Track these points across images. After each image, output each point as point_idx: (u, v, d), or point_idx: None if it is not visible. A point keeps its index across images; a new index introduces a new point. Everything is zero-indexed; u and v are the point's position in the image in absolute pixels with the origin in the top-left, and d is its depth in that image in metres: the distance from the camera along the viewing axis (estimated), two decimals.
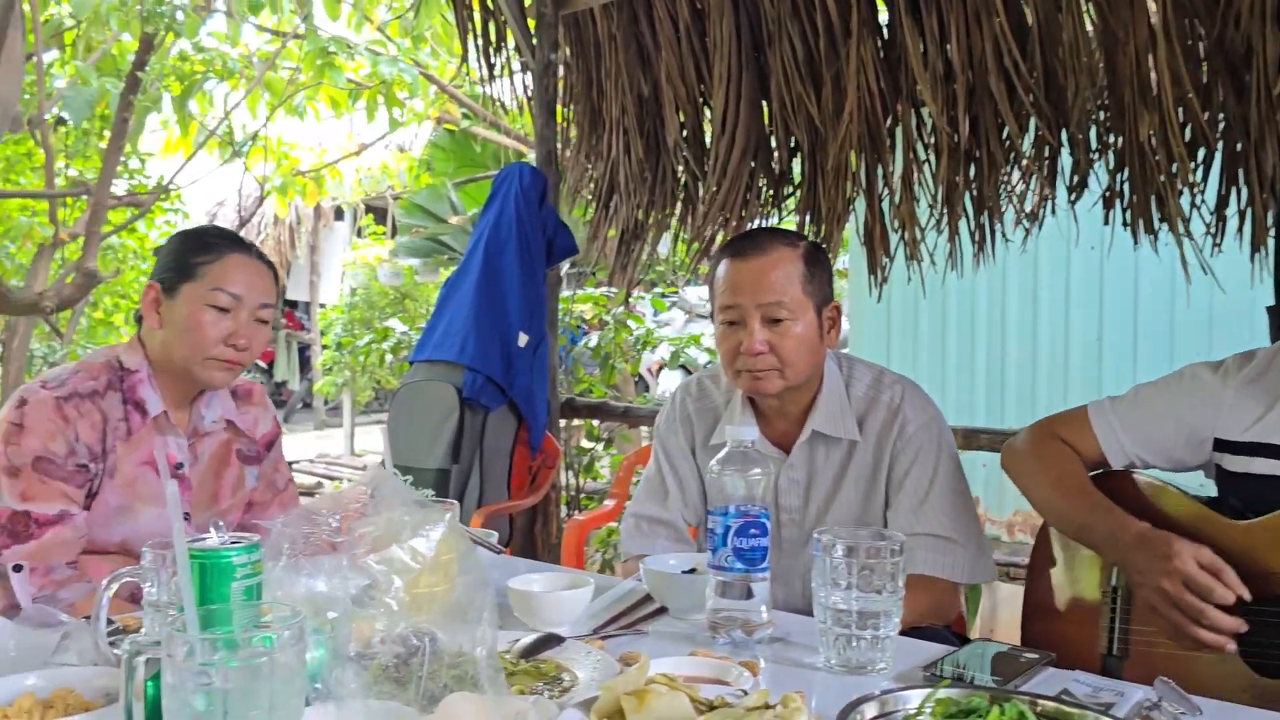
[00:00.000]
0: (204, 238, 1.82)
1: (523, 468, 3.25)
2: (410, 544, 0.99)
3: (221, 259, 1.76)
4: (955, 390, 4.79)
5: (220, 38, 5.30)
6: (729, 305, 1.78)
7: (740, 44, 3.34)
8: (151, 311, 1.77)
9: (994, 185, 3.10)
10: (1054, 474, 1.64)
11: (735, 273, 1.79)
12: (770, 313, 1.75)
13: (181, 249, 1.79)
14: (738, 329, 1.77)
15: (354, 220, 8.36)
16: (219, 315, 1.74)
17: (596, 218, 3.79)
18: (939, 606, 1.74)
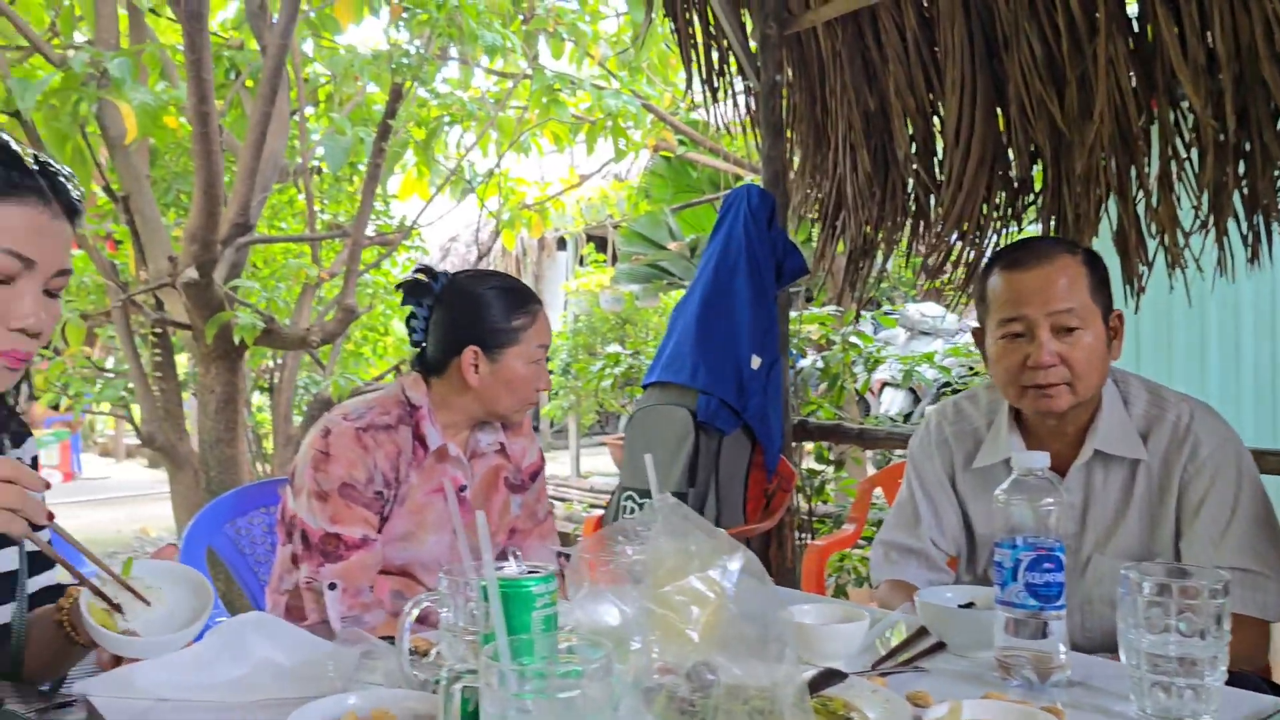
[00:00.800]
0: (523, 297, 1.91)
1: (758, 491, 3.22)
2: (709, 574, 0.98)
3: (535, 321, 1.90)
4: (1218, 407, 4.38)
5: (454, 84, 5.61)
6: (1012, 317, 1.68)
7: (973, 49, 3.21)
8: (470, 371, 1.86)
9: (1269, 181, 2.83)
10: None
11: (1017, 282, 1.68)
12: (1061, 321, 1.64)
13: (504, 310, 1.88)
14: (1022, 342, 1.67)
15: (576, 249, 8.63)
16: (537, 370, 1.91)
17: (823, 236, 3.73)
18: (1249, 649, 1.57)
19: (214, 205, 3.54)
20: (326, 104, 4.89)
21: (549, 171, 7.69)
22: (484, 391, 1.88)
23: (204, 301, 3.72)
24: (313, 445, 1.82)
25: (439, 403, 1.90)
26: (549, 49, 5.44)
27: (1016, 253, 1.73)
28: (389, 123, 3.89)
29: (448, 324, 1.89)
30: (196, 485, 4.19)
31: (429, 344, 1.92)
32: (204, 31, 3.40)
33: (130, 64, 3.56)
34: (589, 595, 0.99)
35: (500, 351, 1.86)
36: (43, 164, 1.28)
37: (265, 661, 1.34)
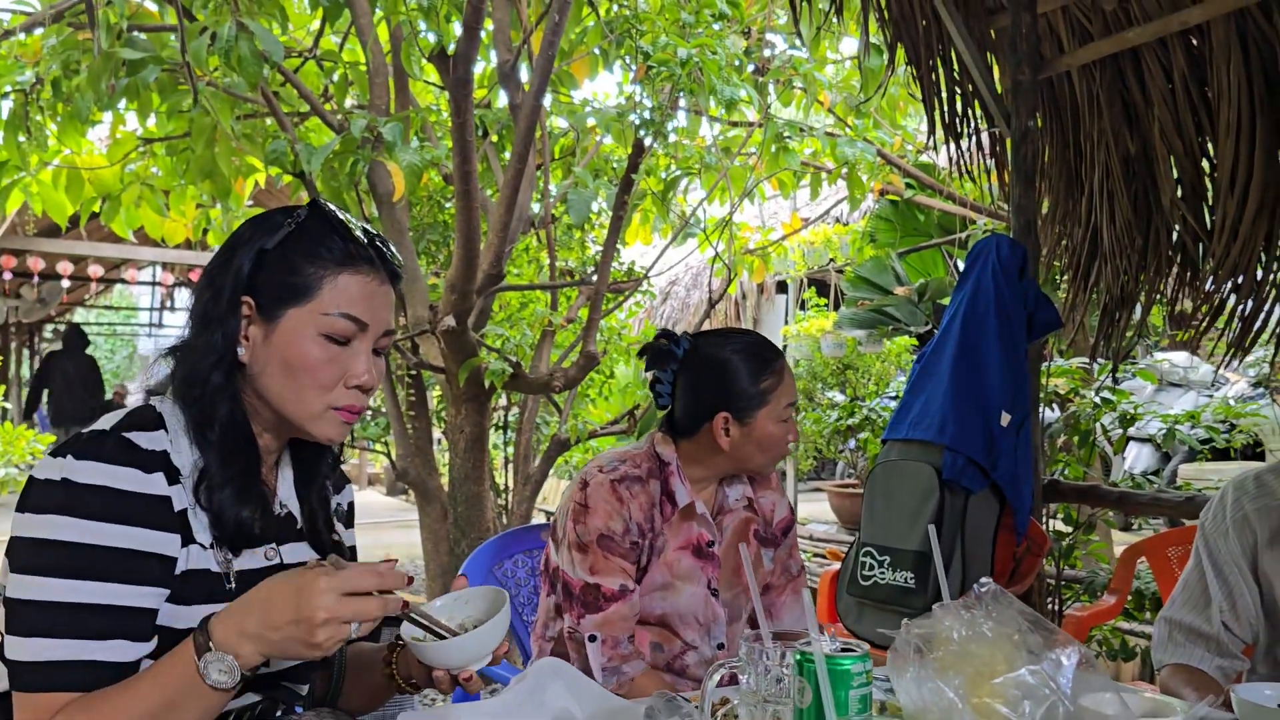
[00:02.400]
0: (766, 358, 1.93)
1: (1006, 554, 3.08)
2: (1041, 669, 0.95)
3: (783, 379, 1.92)
4: None
5: (682, 133, 5.75)
6: None
7: (1252, 88, 3.00)
8: (722, 435, 1.90)
9: None
10: None
11: None
12: None
13: (751, 373, 1.91)
14: None
15: (797, 293, 8.62)
16: (787, 426, 1.93)
17: (1074, 287, 3.57)
18: None
19: (472, 258, 3.77)
20: (565, 157, 5.11)
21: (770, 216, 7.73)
22: (736, 453, 1.90)
23: (459, 347, 3.96)
24: (572, 498, 1.89)
25: (688, 460, 1.93)
26: (778, 97, 5.49)
27: None
28: (632, 176, 4.03)
29: (695, 389, 1.92)
30: (444, 519, 4.43)
31: (677, 408, 1.96)
32: (469, 97, 3.65)
33: (401, 128, 3.87)
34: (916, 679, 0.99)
35: (751, 414, 1.88)
36: (370, 235, 1.41)
37: (563, 712, 1.40)
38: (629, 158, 4.08)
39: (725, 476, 1.99)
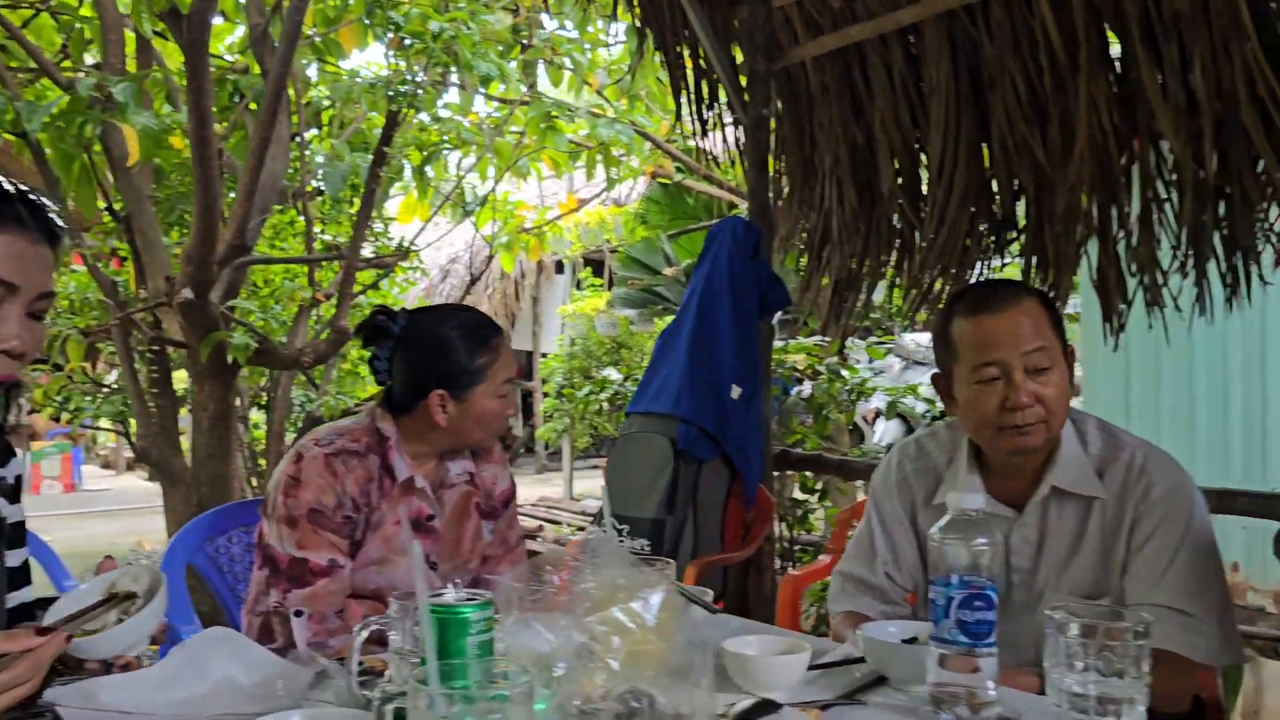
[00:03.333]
0: (483, 335, 1.92)
1: (736, 520, 3.25)
2: (631, 605, 1.01)
3: (499, 355, 1.92)
4: (1207, 447, 4.40)
5: (454, 109, 5.69)
6: (988, 362, 1.70)
7: (959, 87, 3.26)
8: (439, 413, 1.88)
9: (1248, 223, 2.86)
10: None
11: (989, 326, 1.71)
12: (1035, 362, 1.68)
13: (467, 350, 1.89)
14: (999, 385, 1.70)
15: (573, 273, 8.70)
16: (505, 402, 1.93)
17: (809, 268, 3.78)
18: (1173, 688, 1.60)
19: (211, 227, 3.60)
20: (329, 128, 4.96)
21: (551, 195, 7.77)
22: (454, 429, 1.91)
23: (199, 321, 3.78)
24: (285, 471, 1.86)
25: (408, 436, 1.93)
26: (548, 77, 5.52)
27: (985, 296, 1.75)
28: (384, 149, 3.96)
29: (411, 367, 1.91)
30: (189, 500, 4.23)
31: (394, 385, 1.94)
32: (204, 58, 3.48)
33: (134, 89, 3.64)
34: (517, 623, 1.03)
35: (467, 391, 1.88)
36: (21, 192, 1.33)
37: (225, 679, 1.37)
38: (383, 130, 4.00)
39: (447, 451, 1.99)
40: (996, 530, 1.31)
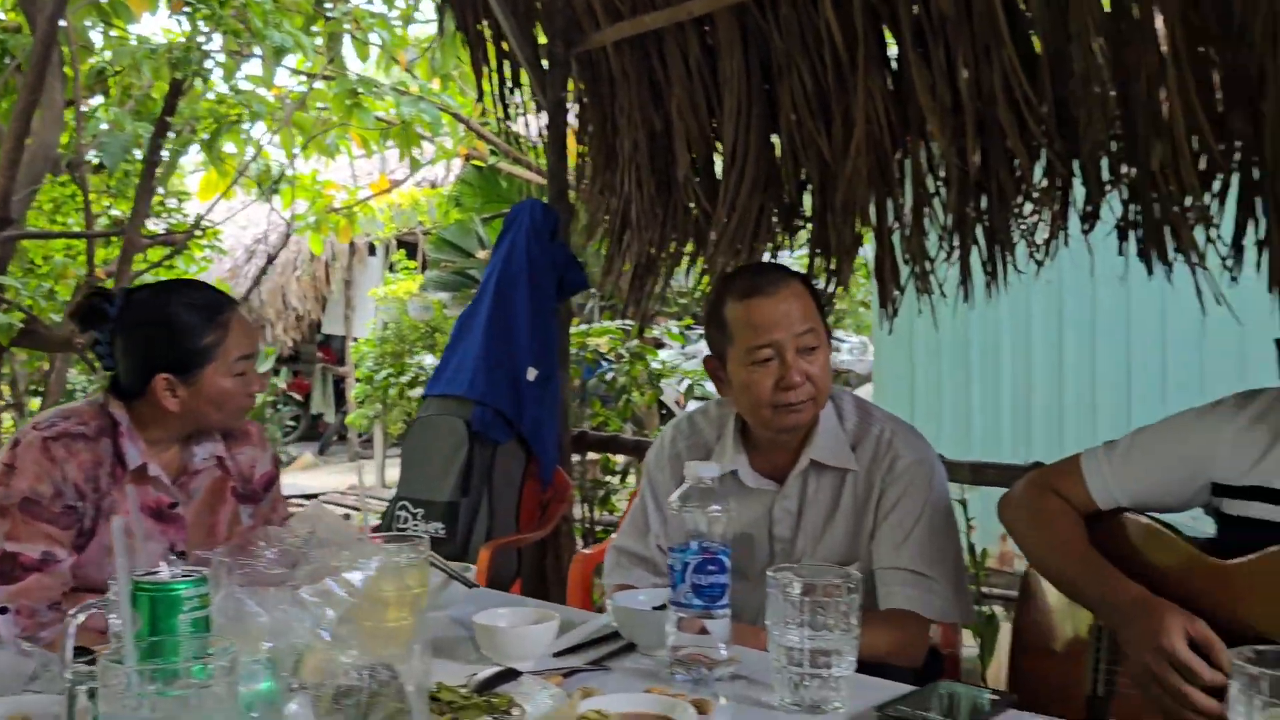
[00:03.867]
0: (209, 312, 1.82)
1: (533, 502, 3.26)
2: (344, 576, 1.01)
3: (230, 331, 1.81)
4: (981, 422, 4.73)
5: (255, 81, 5.45)
6: (763, 344, 1.77)
7: (750, 78, 3.36)
8: (168, 398, 1.78)
9: (1005, 217, 3.08)
10: (1048, 531, 1.63)
11: (762, 308, 1.78)
12: (805, 343, 1.76)
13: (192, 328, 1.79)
14: (773, 365, 1.77)
15: (386, 256, 8.49)
16: (245, 380, 1.84)
17: (610, 252, 3.82)
18: (909, 644, 1.73)
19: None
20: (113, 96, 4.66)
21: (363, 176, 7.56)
22: (187, 413, 1.81)
23: None
24: (1, 459, 1.73)
25: (141, 422, 1.82)
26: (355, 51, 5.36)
27: (757, 281, 1.82)
28: (167, 119, 3.75)
29: (132, 350, 1.81)
30: None
31: (119, 370, 1.83)
32: None
33: None
34: (226, 598, 1.01)
35: (196, 373, 1.78)
36: None
37: None
38: (165, 99, 3.79)
39: (193, 435, 1.90)
40: (731, 499, 1.38)
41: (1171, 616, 1.34)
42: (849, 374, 6.55)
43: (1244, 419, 1.50)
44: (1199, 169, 2.72)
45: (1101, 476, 1.59)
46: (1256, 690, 0.87)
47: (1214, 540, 1.51)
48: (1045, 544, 1.62)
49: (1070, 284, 4.32)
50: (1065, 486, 1.63)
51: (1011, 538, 1.71)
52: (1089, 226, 3.00)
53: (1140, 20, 2.70)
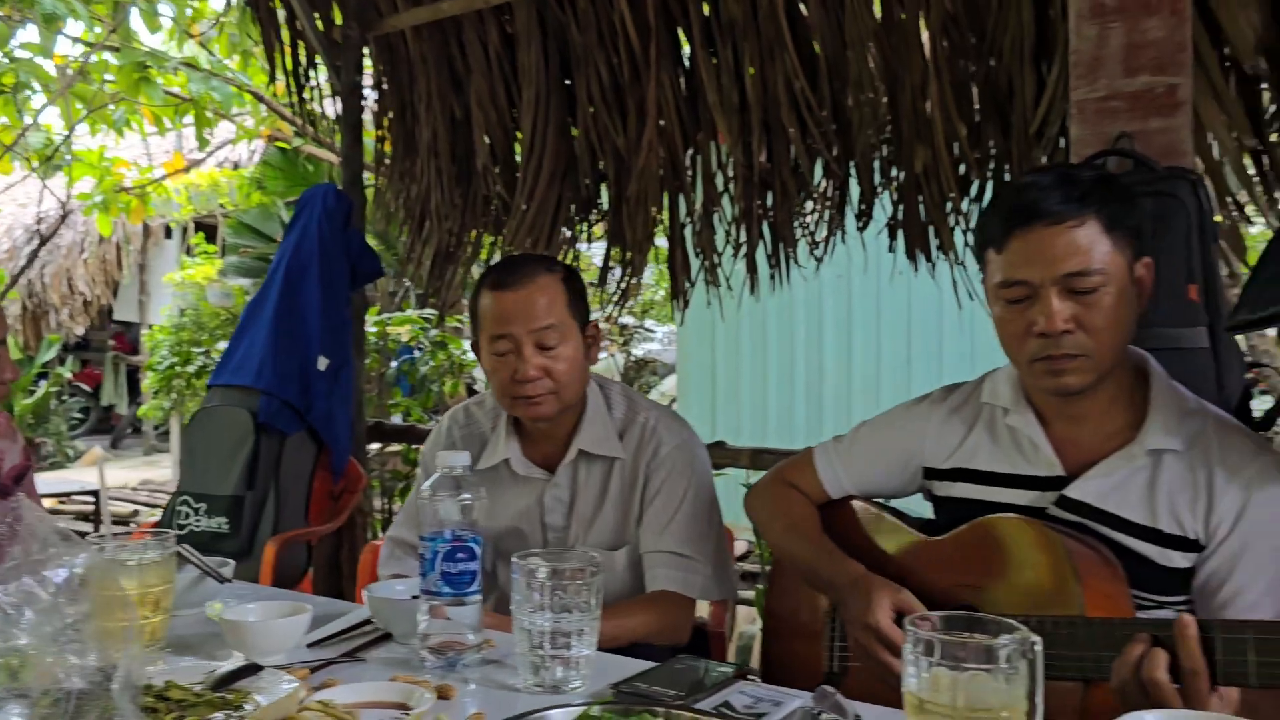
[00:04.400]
0: None
1: (324, 493, 3.20)
2: (44, 574, 0.98)
3: None
4: (776, 409, 4.94)
5: (34, 49, 5.08)
6: (501, 335, 1.80)
7: (549, 70, 3.39)
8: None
9: (788, 214, 3.23)
10: (785, 520, 1.72)
11: (502, 302, 1.81)
12: (542, 339, 1.79)
13: None
14: (510, 358, 1.80)
15: (183, 239, 8.07)
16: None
17: (410, 239, 3.78)
18: (672, 623, 1.81)
19: None
20: None
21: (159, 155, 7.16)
22: None
23: None
24: None
25: None
26: (144, 22, 5.07)
27: (502, 273, 1.85)
28: None
29: None
30: None
31: None
32: None
33: None
34: None
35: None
36: None
37: None
38: None
39: None
40: (482, 486, 1.40)
41: (879, 592, 1.45)
42: (656, 363, 6.71)
43: (946, 409, 1.64)
44: (958, 174, 2.94)
45: (831, 467, 1.71)
46: (924, 651, 0.96)
47: (931, 521, 1.65)
48: (783, 532, 1.72)
49: (859, 279, 4.57)
50: (801, 478, 1.74)
51: (756, 527, 1.81)
52: (863, 225, 3.19)
53: (907, 32, 2.88)
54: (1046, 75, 2.70)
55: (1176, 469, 1.44)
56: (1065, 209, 1.39)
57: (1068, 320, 1.39)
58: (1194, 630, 1.18)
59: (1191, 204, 1.89)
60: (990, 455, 1.58)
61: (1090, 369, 1.42)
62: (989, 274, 1.48)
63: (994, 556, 1.47)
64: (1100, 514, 1.46)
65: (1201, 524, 1.43)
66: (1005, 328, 1.47)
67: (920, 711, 0.96)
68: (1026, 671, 0.96)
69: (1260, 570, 1.39)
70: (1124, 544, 1.45)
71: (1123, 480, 1.46)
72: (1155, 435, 1.45)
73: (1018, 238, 1.42)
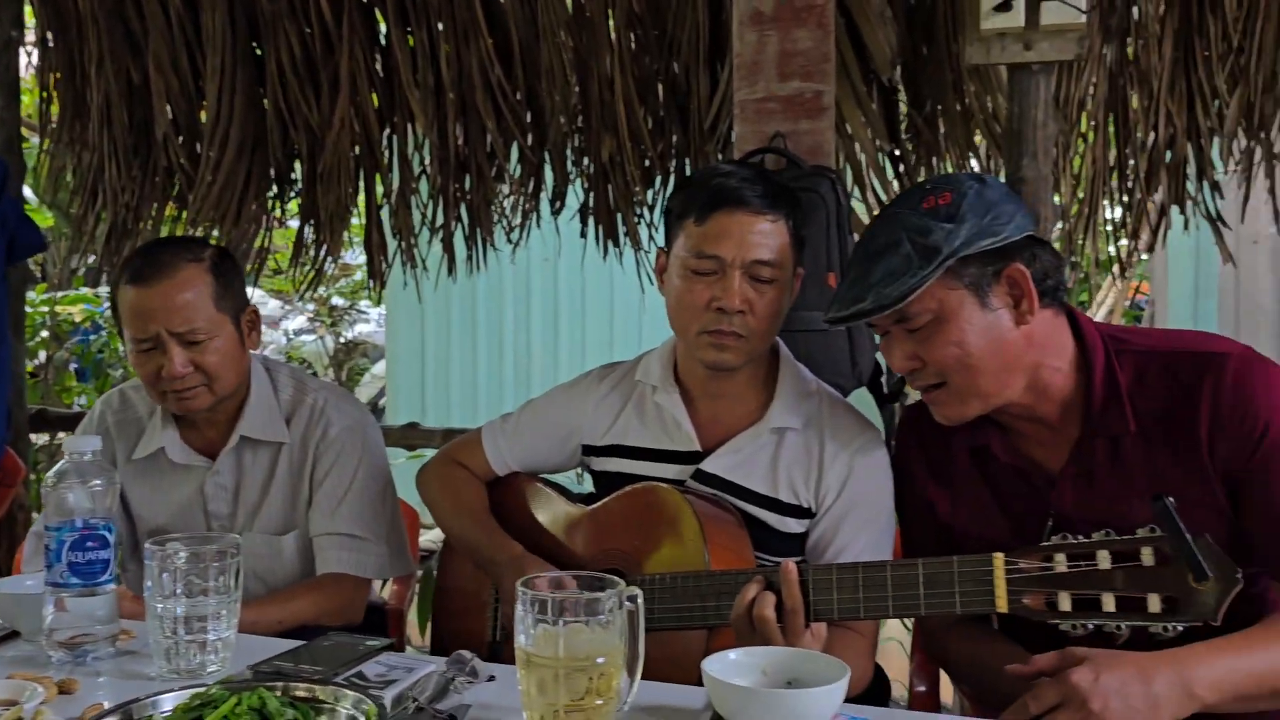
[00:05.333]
0: None
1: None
2: None
3: None
4: (486, 391, 5.00)
5: None
6: (142, 337, 1.71)
7: (236, 36, 3.24)
8: None
9: (484, 198, 3.28)
10: (451, 500, 1.78)
11: (142, 299, 1.70)
12: (188, 338, 1.71)
13: None
14: (155, 354, 1.71)
15: None
16: None
17: (82, 211, 3.50)
18: (346, 603, 1.82)
19: None
20: None
21: None
22: None
23: None
24: None
25: None
26: None
27: (141, 265, 1.73)
28: None
29: None
30: None
31: None
32: None
33: None
34: None
35: None
36: None
37: None
38: None
39: None
40: (114, 472, 1.36)
41: (533, 570, 1.52)
42: (367, 345, 6.58)
43: (603, 388, 1.76)
44: (643, 165, 3.10)
45: (496, 446, 1.78)
46: (532, 609, 1.05)
47: (592, 495, 1.75)
48: (450, 510, 1.77)
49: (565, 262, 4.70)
50: (469, 457, 1.80)
51: (426, 507, 1.85)
52: (557, 210, 3.30)
53: (595, 26, 3.00)
54: (720, 75, 2.90)
55: (795, 445, 1.63)
56: (766, 204, 1.54)
57: (744, 302, 1.53)
58: (795, 574, 1.35)
59: (831, 200, 2.11)
60: (639, 432, 1.71)
61: (746, 351, 1.58)
62: (680, 243, 1.58)
63: (637, 523, 1.59)
64: (730, 485, 1.63)
65: (813, 493, 1.62)
66: (685, 297, 1.57)
67: (528, 665, 1.04)
68: (624, 622, 1.07)
69: (861, 530, 1.60)
70: (750, 512, 1.61)
71: (750, 456, 1.63)
72: (779, 415, 1.63)
73: (721, 215, 1.54)
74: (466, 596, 1.76)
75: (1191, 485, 1.35)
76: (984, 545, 1.30)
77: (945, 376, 1.40)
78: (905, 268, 1.35)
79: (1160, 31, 2.51)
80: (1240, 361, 1.36)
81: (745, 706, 1.05)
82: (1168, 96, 2.55)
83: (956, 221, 1.35)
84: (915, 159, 2.94)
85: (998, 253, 1.37)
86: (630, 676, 1.09)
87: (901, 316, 1.38)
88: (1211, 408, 1.34)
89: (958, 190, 1.39)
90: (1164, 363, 1.40)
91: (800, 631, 1.34)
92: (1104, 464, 1.41)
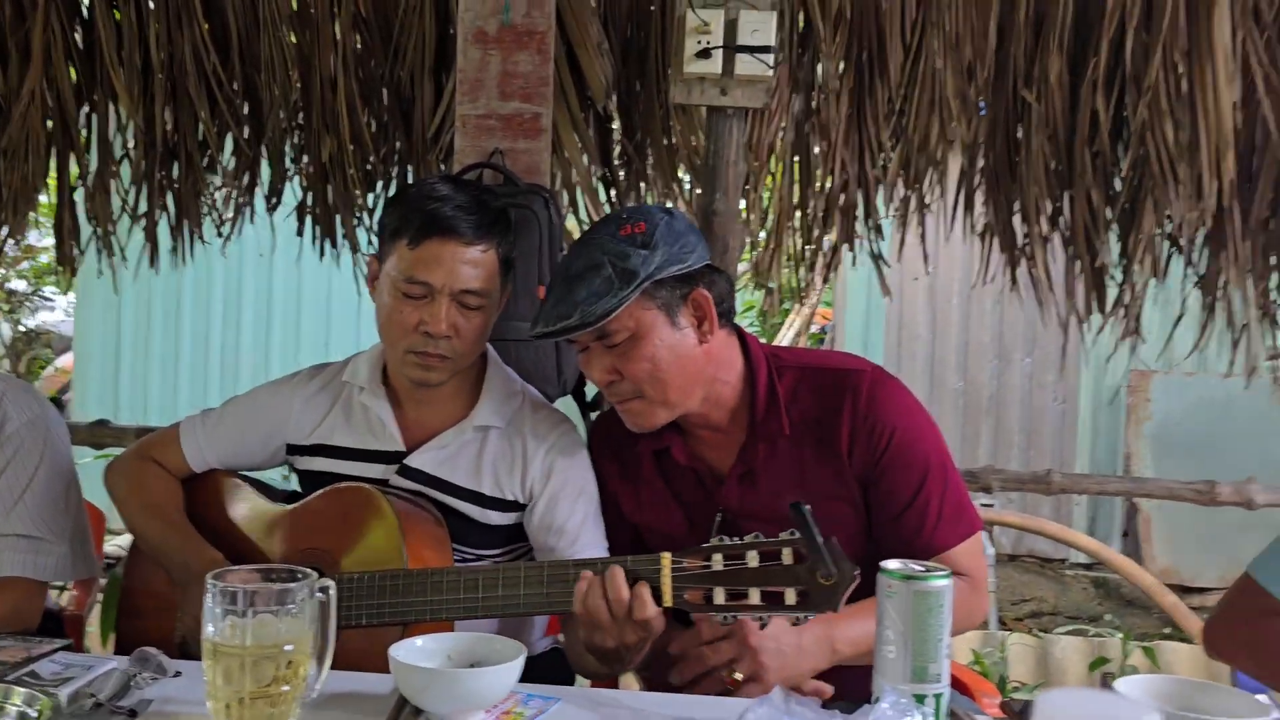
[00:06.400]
0: None
1: None
2: None
3: None
4: (189, 388, 4.75)
5: None
6: None
7: None
8: None
9: (193, 188, 3.14)
10: (140, 498, 1.73)
11: None
12: None
13: None
14: None
15: None
16: None
17: None
18: (20, 609, 1.73)
19: None
20: None
21: None
22: None
23: None
24: None
25: None
26: None
27: None
28: None
29: None
30: None
31: None
32: None
33: None
34: None
35: None
36: None
37: None
38: None
39: None
40: None
41: None
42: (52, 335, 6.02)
43: (312, 388, 1.79)
44: (364, 168, 3.10)
45: (195, 442, 1.76)
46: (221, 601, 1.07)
47: (296, 493, 1.77)
48: (139, 510, 1.72)
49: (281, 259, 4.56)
50: (164, 453, 1.76)
51: (114, 504, 1.78)
52: (273, 207, 3.22)
53: (319, 24, 2.96)
54: (445, 87, 2.96)
55: (499, 442, 1.73)
56: (478, 235, 1.61)
57: (451, 327, 1.60)
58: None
59: (544, 217, 2.23)
60: (345, 432, 1.75)
61: (450, 369, 1.66)
62: (392, 262, 1.62)
63: (337, 522, 1.63)
64: (434, 480, 1.71)
65: (519, 487, 1.73)
66: (394, 316, 1.63)
67: (215, 655, 1.07)
68: (315, 611, 1.12)
69: (574, 508, 1.71)
70: (452, 505, 1.70)
71: (454, 452, 1.72)
72: (483, 414, 1.73)
73: (433, 243, 1.59)
74: (156, 597, 1.72)
75: (835, 483, 1.59)
76: (664, 538, 1.46)
77: (640, 389, 1.56)
78: (608, 289, 1.49)
79: (839, 88, 2.84)
80: (872, 381, 1.61)
81: (427, 686, 1.14)
82: (843, 146, 2.88)
83: (650, 248, 1.52)
84: (626, 185, 3.13)
85: (685, 278, 1.55)
86: (320, 665, 1.14)
87: (602, 333, 1.53)
88: (850, 418, 1.59)
89: (650, 220, 1.55)
90: (814, 379, 1.64)
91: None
92: (764, 464, 1.62)
